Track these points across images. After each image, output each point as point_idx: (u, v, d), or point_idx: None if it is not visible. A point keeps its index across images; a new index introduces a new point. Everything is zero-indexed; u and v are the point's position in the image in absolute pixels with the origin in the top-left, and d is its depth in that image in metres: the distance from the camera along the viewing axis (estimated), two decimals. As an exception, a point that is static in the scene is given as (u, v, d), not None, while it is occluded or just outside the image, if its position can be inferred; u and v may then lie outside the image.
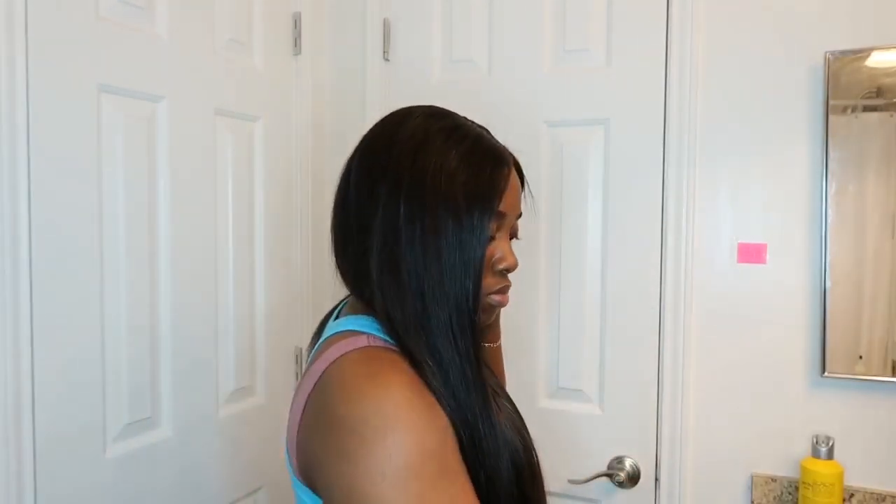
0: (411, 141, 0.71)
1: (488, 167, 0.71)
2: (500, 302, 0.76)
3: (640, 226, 1.34)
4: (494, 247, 0.73)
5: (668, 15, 1.31)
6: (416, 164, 0.69)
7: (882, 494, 1.21)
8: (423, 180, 0.68)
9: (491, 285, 0.74)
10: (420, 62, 1.51)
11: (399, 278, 0.67)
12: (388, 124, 0.75)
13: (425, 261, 0.67)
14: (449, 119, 0.74)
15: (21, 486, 0.93)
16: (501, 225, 0.73)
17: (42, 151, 0.96)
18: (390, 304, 0.68)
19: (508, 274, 0.76)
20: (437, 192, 0.67)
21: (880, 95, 1.18)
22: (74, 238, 1.01)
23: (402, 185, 0.68)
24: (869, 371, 1.20)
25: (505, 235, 0.75)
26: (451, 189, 0.68)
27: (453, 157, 0.69)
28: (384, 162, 0.70)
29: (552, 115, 1.40)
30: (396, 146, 0.71)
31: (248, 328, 1.36)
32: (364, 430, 0.58)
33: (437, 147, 0.70)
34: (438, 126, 0.72)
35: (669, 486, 1.33)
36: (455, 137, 0.71)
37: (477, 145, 0.72)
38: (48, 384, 0.97)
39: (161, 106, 1.15)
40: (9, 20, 0.91)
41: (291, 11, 1.47)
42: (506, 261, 0.74)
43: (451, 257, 0.67)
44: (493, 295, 0.74)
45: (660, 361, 1.33)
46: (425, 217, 0.67)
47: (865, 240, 1.20)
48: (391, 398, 0.60)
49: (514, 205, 0.75)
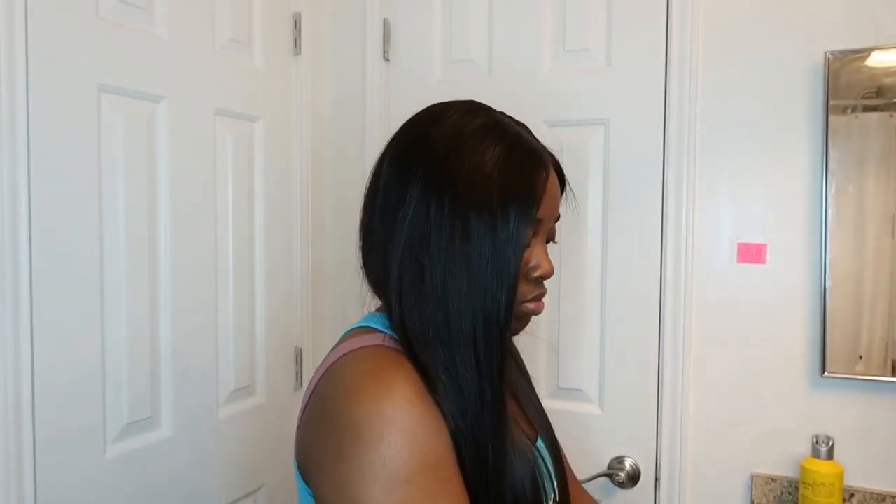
0: (445, 141, 0.67)
1: (526, 170, 0.67)
2: (535, 310, 0.71)
3: (640, 226, 1.34)
4: (530, 253, 0.69)
5: (668, 15, 1.31)
6: (449, 165, 0.65)
7: (882, 494, 1.21)
8: (457, 183, 0.64)
9: (526, 293, 0.70)
10: (420, 62, 1.51)
11: (422, 287, 0.64)
12: (422, 122, 0.72)
13: (453, 269, 0.63)
14: (486, 117, 0.70)
15: (21, 486, 0.93)
16: (538, 231, 0.69)
17: (42, 151, 0.95)
18: (408, 313, 0.65)
19: (544, 281, 0.72)
20: (471, 197, 0.63)
21: (880, 95, 1.18)
22: (74, 238, 1.01)
23: (434, 187, 0.64)
24: (869, 371, 1.20)
25: (541, 241, 0.71)
26: (486, 193, 0.64)
27: (489, 158, 0.65)
28: (416, 162, 0.67)
29: (552, 115, 1.40)
30: (429, 145, 0.67)
31: (248, 328, 1.36)
32: (361, 429, 0.57)
33: (472, 148, 0.66)
34: (475, 125, 0.68)
35: (669, 486, 1.33)
36: (492, 137, 0.67)
37: (515, 146, 0.67)
38: (48, 384, 0.97)
39: (161, 106, 1.15)
40: (9, 20, 0.91)
41: (291, 11, 1.47)
42: (541, 268, 0.70)
43: (482, 266, 0.63)
44: (528, 303, 0.70)
45: (660, 361, 1.33)
46: (456, 222, 0.63)
47: (865, 240, 1.20)
48: (393, 400, 0.58)
49: (552, 209, 0.71)
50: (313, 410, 0.64)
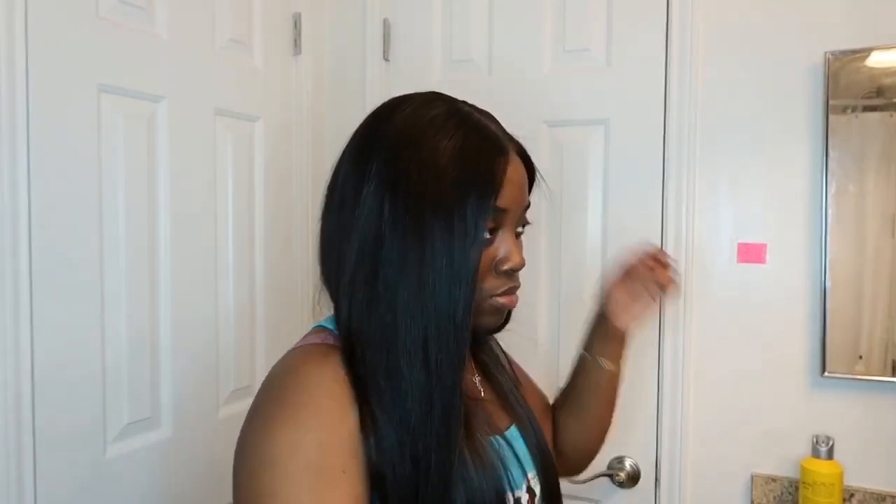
0: (399, 134, 0.65)
1: (483, 159, 0.64)
2: (508, 304, 0.69)
3: (640, 226, 1.34)
4: (496, 246, 0.66)
5: (668, 15, 1.31)
6: (403, 159, 0.63)
7: (882, 494, 1.21)
8: (410, 178, 0.61)
9: (496, 287, 0.67)
10: (420, 62, 1.51)
11: (373, 287, 0.61)
12: (379, 115, 0.69)
13: (406, 268, 0.60)
14: (443, 106, 0.67)
15: (21, 486, 0.93)
16: (503, 221, 0.66)
17: (42, 151, 0.95)
18: (356, 315, 0.62)
19: (515, 273, 0.69)
20: (425, 191, 0.61)
21: (880, 95, 1.18)
22: (74, 238, 1.01)
23: (388, 183, 0.62)
24: (869, 371, 1.20)
25: (509, 232, 0.68)
26: (441, 187, 0.61)
27: (444, 149, 0.63)
28: (370, 157, 0.64)
29: (552, 115, 1.40)
30: (384, 139, 0.65)
31: (248, 328, 1.36)
32: (260, 413, 0.61)
33: (427, 139, 0.63)
34: (430, 115, 0.65)
35: (669, 486, 1.33)
36: (447, 127, 0.64)
37: (472, 134, 0.65)
38: (48, 384, 0.97)
39: (161, 106, 1.15)
40: (9, 20, 0.91)
41: (291, 11, 1.47)
42: (510, 260, 0.67)
43: (438, 264, 0.60)
44: (499, 297, 0.68)
45: (660, 361, 1.33)
46: (410, 219, 0.61)
47: (865, 240, 1.19)
48: (296, 388, 0.60)
49: (517, 198, 0.68)
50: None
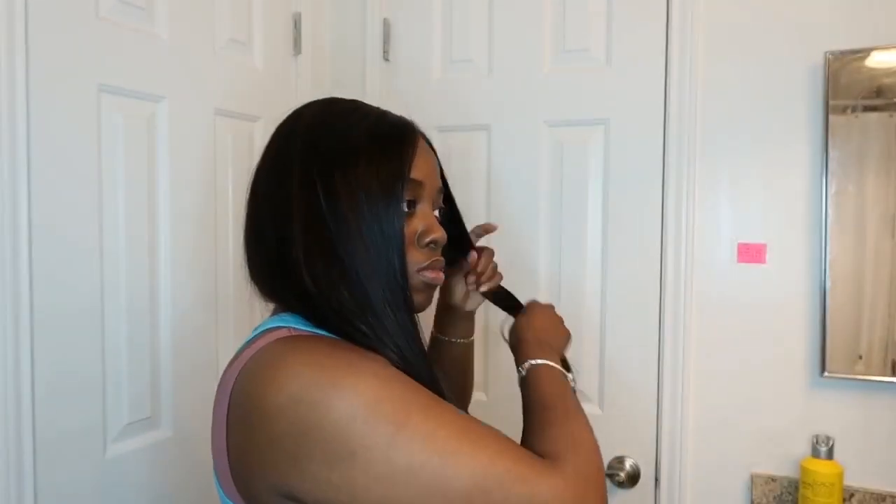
0: (312, 129, 0.71)
1: (395, 138, 0.71)
2: (433, 279, 0.73)
3: (640, 226, 1.34)
4: (417, 220, 0.71)
5: (668, 15, 1.31)
6: (322, 148, 0.69)
7: (882, 494, 1.21)
8: (333, 162, 0.67)
9: (420, 260, 0.71)
10: (420, 62, 1.51)
11: (332, 261, 0.66)
12: (286, 123, 0.75)
13: (352, 239, 0.66)
14: (347, 103, 0.75)
15: (21, 487, 0.93)
16: (420, 195, 0.72)
17: (42, 151, 0.95)
18: (328, 289, 0.66)
19: (438, 248, 0.74)
20: (347, 171, 0.67)
21: (880, 95, 1.18)
22: (74, 238, 1.01)
23: (313, 172, 0.67)
24: (869, 371, 1.20)
25: (427, 208, 0.73)
26: (360, 166, 0.67)
27: (356, 133, 0.69)
28: (291, 156, 0.70)
29: (552, 115, 1.40)
30: (300, 138, 0.71)
31: (249, 328, 1.35)
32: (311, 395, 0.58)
33: (340, 128, 0.70)
34: (336, 111, 0.73)
35: (669, 486, 1.33)
36: (356, 116, 0.72)
37: (380, 121, 0.72)
38: (48, 384, 0.97)
39: (161, 106, 1.15)
40: (9, 20, 0.91)
41: (291, 11, 1.47)
42: (431, 232, 0.72)
43: (371, 232, 0.66)
44: (424, 271, 0.72)
45: (660, 361, 1.33)
46: (342, 198, 0.66)
47: (865, 240, 1.20)
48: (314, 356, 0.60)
49: (429, 174, 0.73)
50: (244, 413, 0.63)
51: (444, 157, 1.49)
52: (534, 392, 0.76)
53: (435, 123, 1.48)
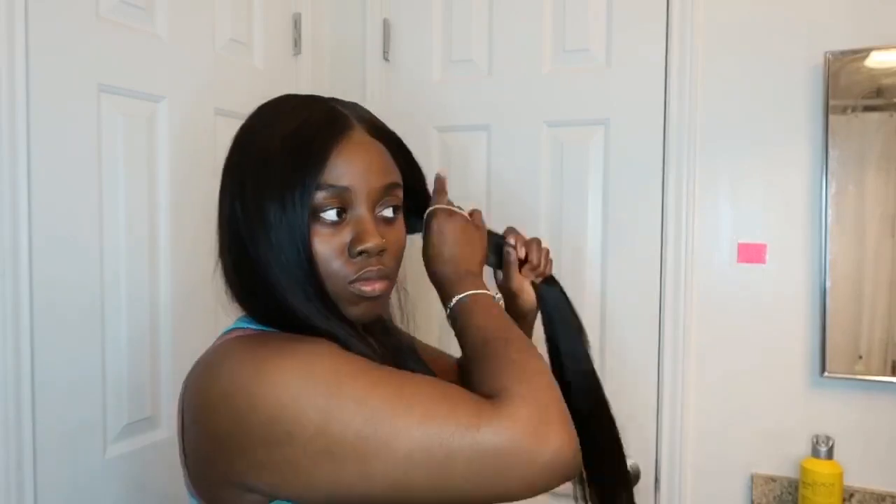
0: (243, 132, 0.69)
1: (315, 139, 0.64)
2: (368, 292, 0.65)
3: (640, 226, 1.34)
4: (346, 228, 0.64)
5: (668, 15, 1.31)
6: (243, 154, 0.67)
7: (882, 494, 1.21)
8: (244, 173, 0.66)
9: (349, 273, 0.64)
10: (420, 62, 1.51)
11: (251, 271, 0.65)
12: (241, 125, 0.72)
13: (264, 252, 0.63)
14: (285, 101, 0.70)
15: (21, 487, 0.93)
16: (348, 200, 0.64)
17: (42, 151, 0.95)
18: (256, 296, 0.67)
19: (372, 256, 0.65)
20: (257, 182, 0.64)
21: (880, 95, 1.18)
22: (74, 238, 1.01)
23: (235, 178, 0.67)
24: (869, 371, 1.20)
25: (364, 212, 0.65)
26: (269, 174, 0.63)
27: (275, 139, 0.64)
28: (226, 165, 0.69)
29: (552, 115, 1.40)
30: (234, 142, 0.70)
31: (248, 328, 1.36)
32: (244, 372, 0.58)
33: (261, 134, 0.67)
34: (268, 110, 0.69)
35: (669, 486, 1.33)
36: (284, 118, 0.66)
37: (310, 118, 0.65)
38: (48, 384, 0.97)
39: (161, 106, 1.15)
40: (9, 20, 0.91)
41: (291, 11, 1.47)
42: (361, 242, 0.63)
43: (281, 247, 0.62)
44: (356, 283, 0.65)
45: (659, 361, 1.33)
46: (255, 211, 0.63)
47: (865, 240, 1.20)
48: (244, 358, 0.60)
49: (361, 175, 0.64)
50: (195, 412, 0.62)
51: (444, 157, 1.50)
52: (467, 329, 0.69)
53: (435, 123, 1.48)
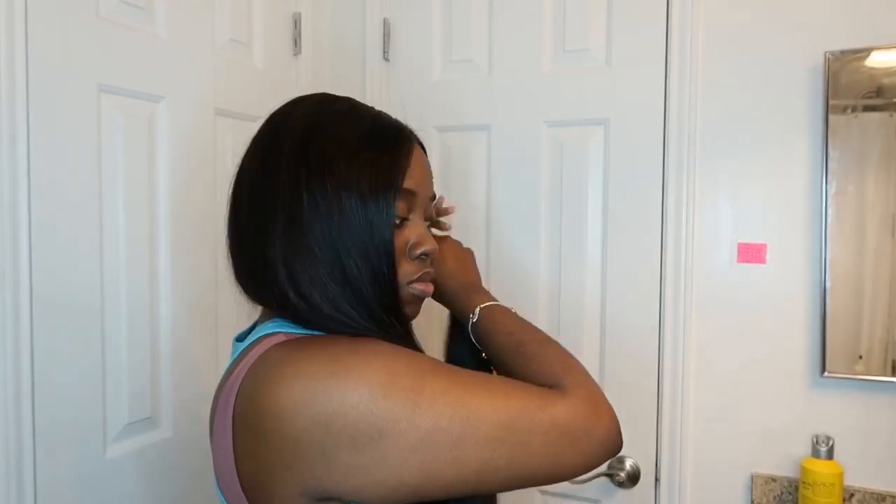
0: (304, 127, 0.68)
1: (390, 144, 0.68)
2: (423, 291, 0.72)
3: (640, 226, 1.34)
4: (408, 231, 0.69)
5: (668, 15, 1.31)
6: (312, 147, 0.66)
7: (882, 494, 1.21)
8: (322, 165, 0.65)
9: (410, 273, 0.70)
10: (420, 62, 1.51)
11: (310, 265, 0.64)
12: (276, 119, 0.72)
13: (341, 247, 0.64)
14: (343, 102, 0.72)
15: (21, 486, 0.93)
16: (413, 205, 0.69)
17: (42, 151, 0.95)
18: (307, 293, 0.64)
19: (428, 259, 0.71)
20: (338, 176, 0.64)
21: (880, 95, 1.18)
22: (74, 237, 1.01)
23: (301, 173, 0.65)
24: (869, 371, 1.20)
25: (419, 218, 0.71)
26: (352, 170, 0.64)
27: (351, 137, 0.66)
28: (278, 154, 0.67)
29: (552, 115, 1.40)
30: (289, 136, 0.68)
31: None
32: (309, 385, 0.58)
33: (333, 130, 0.67)
34: (331, 110, 0.70)
35: (669, 486, 1.33)
36: (351, 117, 0.69)
37: (376, 124, 0.69)
38: (48, 384, 0.97)
39: (161, 106, 1.15)
40: (9, 20, 0.91)
41: (291, 11, 1.47)
42: (423, 244, 0.70)
43: (361, 241, 0.64)
44: (415, 284, 0.70)
45: (660, 361, 1.33)
46: (331, 203, 0.64)
47: (865, 240, 1.20)
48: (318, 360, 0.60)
49: (423, 182, 0.71)
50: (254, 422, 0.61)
51: (444, 157, 1.50)
52: (496, 336, 0.76)
53: (435, 123, 1.48)
